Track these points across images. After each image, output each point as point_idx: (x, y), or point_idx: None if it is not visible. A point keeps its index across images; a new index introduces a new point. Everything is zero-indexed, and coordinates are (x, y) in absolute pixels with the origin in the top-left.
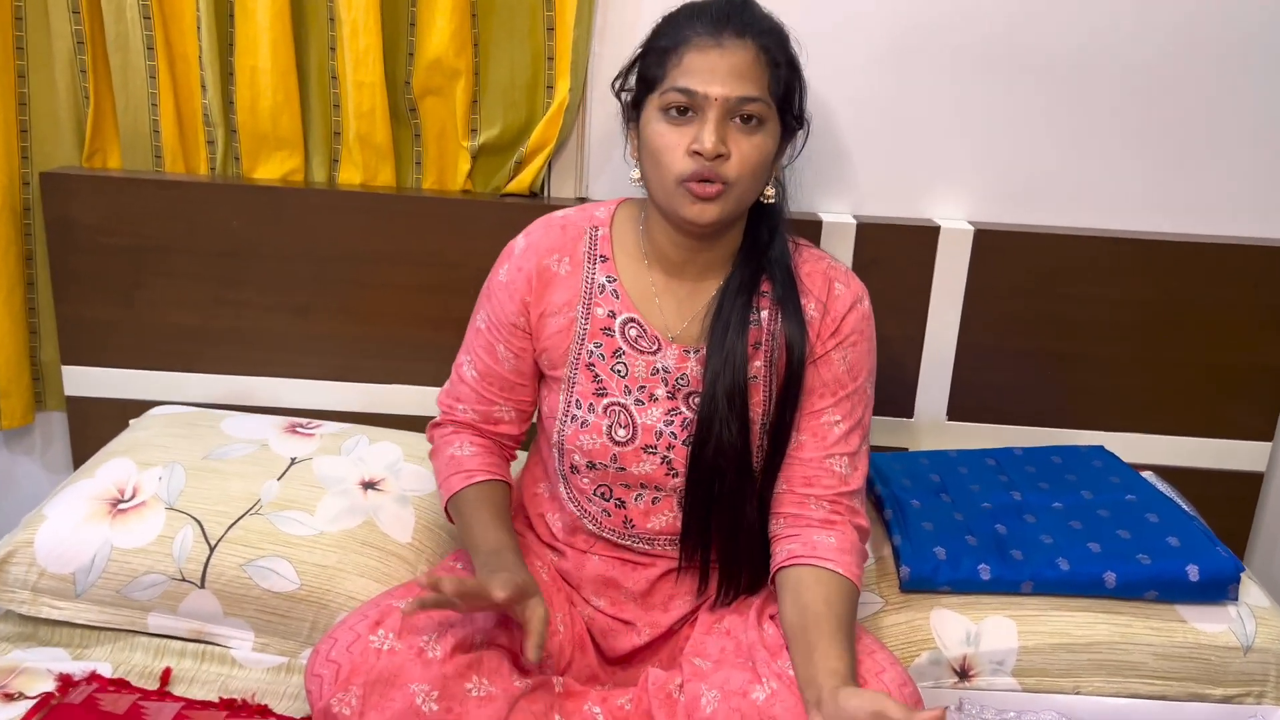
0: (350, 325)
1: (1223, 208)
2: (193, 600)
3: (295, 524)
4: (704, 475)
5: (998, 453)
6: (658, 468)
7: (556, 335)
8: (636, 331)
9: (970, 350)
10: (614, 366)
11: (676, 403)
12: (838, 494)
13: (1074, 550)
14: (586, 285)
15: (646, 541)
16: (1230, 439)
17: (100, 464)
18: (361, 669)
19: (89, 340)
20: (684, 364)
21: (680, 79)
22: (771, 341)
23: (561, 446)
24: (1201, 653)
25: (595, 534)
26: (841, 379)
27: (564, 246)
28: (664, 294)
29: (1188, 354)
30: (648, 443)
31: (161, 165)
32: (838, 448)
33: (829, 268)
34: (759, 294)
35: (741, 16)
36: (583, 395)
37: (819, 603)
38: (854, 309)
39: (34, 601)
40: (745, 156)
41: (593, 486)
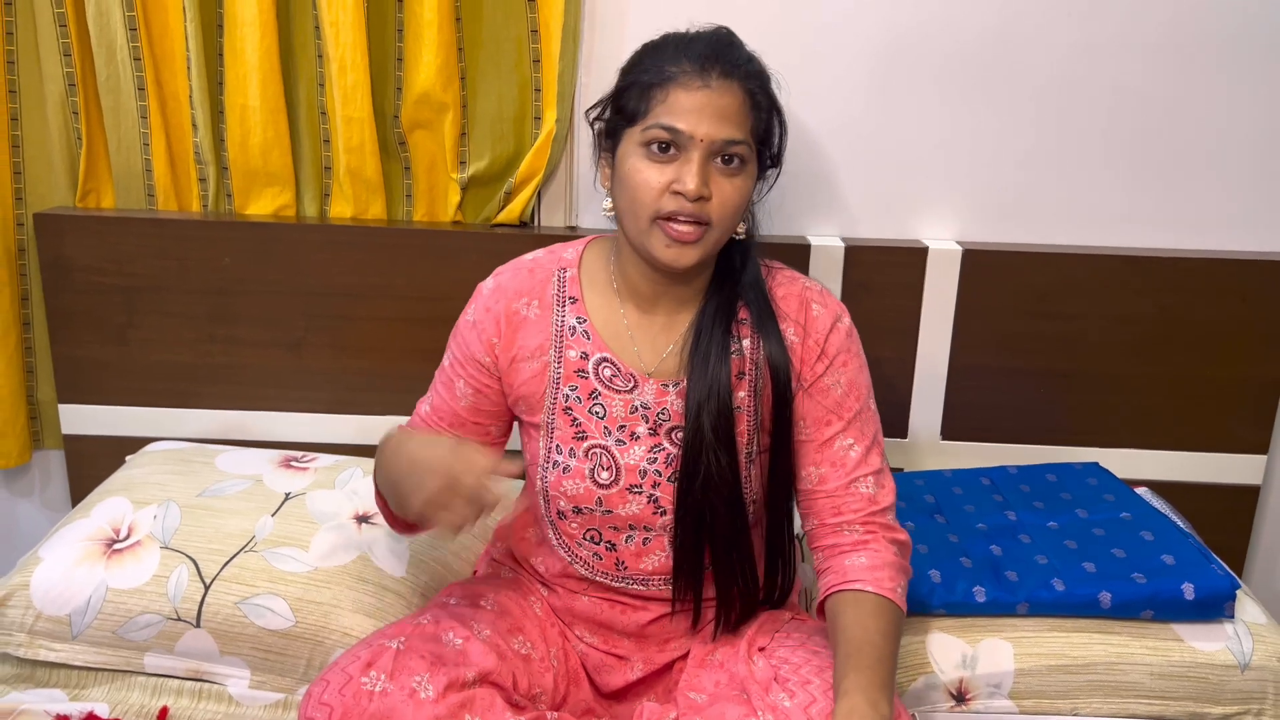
0: (343, 358)
1: (1211, 223)
2: (189, 639)
3: (289, 560)
4: (693, 510)
5: (992, 471)
6: (644, 507)
7: (531, 380)
8: (611, 371)
9: (962, 369)
10: (591, 408)
11: (659, 439)
12: (869, 514)
13: (1069, 570)
14: (557, 328)
15: (641, 583)
16: (1225, 453)
17: (95, 503)
18: (354, 712)
19: (85, 378)
20: (663, 398)
21: (665, 117)
22: (755, 370)
23: (546, 493)
24: (1199, 671)
25: (589, 579)
26: (843, 401)
27: (532, 289)
28: (637, 330)
29: (1181, 369)
30: (632, 483)
31: (154, 204)
32: (860, 470)
33: (804, 289)
34: (737, 322)
35: (729, 57)
36: (562, 440)
37: (855, 627)
38: (835, 328)
39: (30, 644)
40: (726, 199)
41: (581, 531)
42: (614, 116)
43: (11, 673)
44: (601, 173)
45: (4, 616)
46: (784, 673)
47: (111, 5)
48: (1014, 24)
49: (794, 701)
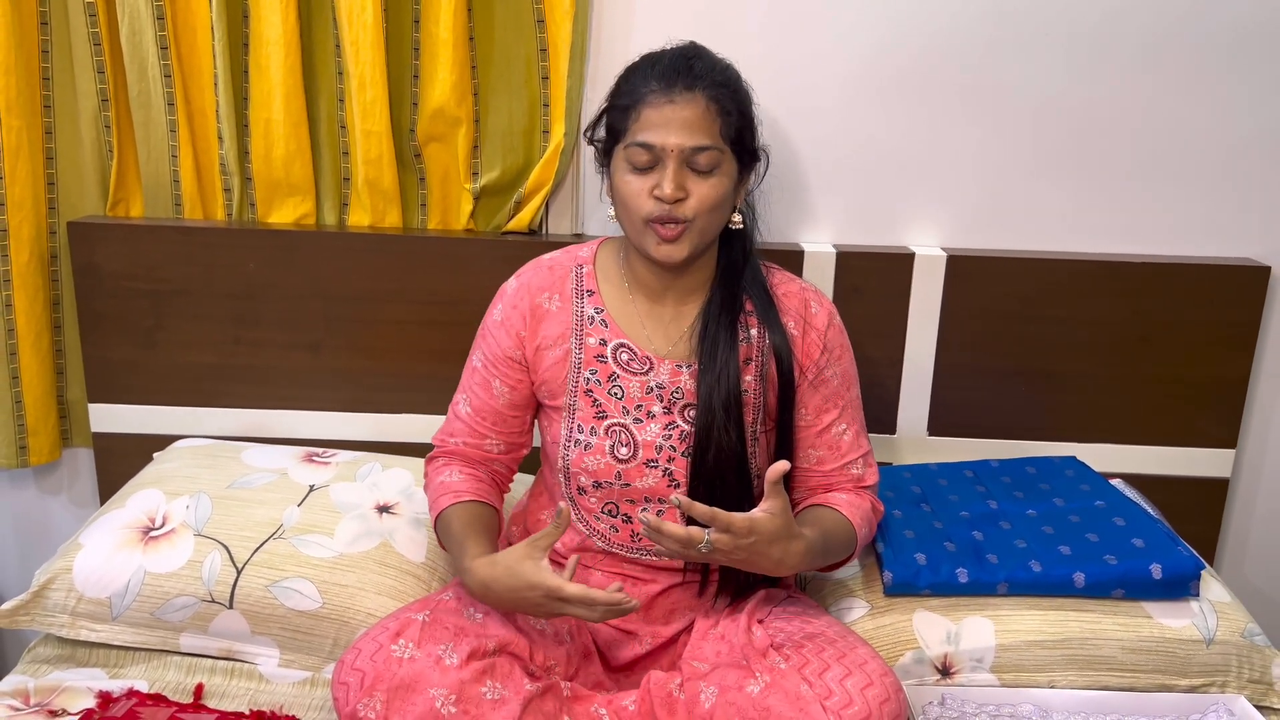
0: (361, 359)
1: (1181, 230)
2: (222, 620)
3: (316, 547)
4: (705, 482)
5: (975, 465)
6: (660, 480)
7: (553, 367)
8: (628, 355)
9: (948, 369)
10: (610, 390)
11: (673, 416)
12: (857, 487)
13: (1046, 553)
14: (577, 318)
15: (655, 554)
16: (1196, 447)
17: (130, 495)
18: (385, 676)
19: (114, 379)
20: (677, 378)
21: (640, 134)
22: (761, 356)
23: (568, 470)
24: (1167, 646)
25: (606, 550)
26: (839, 391)
27: (553, 285)
28: (649, 319)
29: (1154, 368)
30: (649, 457)
31: (181, 213)
32: (851, 453)
33: (802, 289)
34: (744, 313)
35: (691, 70)
36: (584, 420)
37: (815, 514)
38: (831, 324)
39: (73, 625)
40: (703, 197)
41: (600, 505)
42: (606, 136)
43: (54, 652)
44: (605, 184)
45: (48, 599)
46: (779, 640)
47: (144, 25)
48: (995, 45)
49: (789, 664)
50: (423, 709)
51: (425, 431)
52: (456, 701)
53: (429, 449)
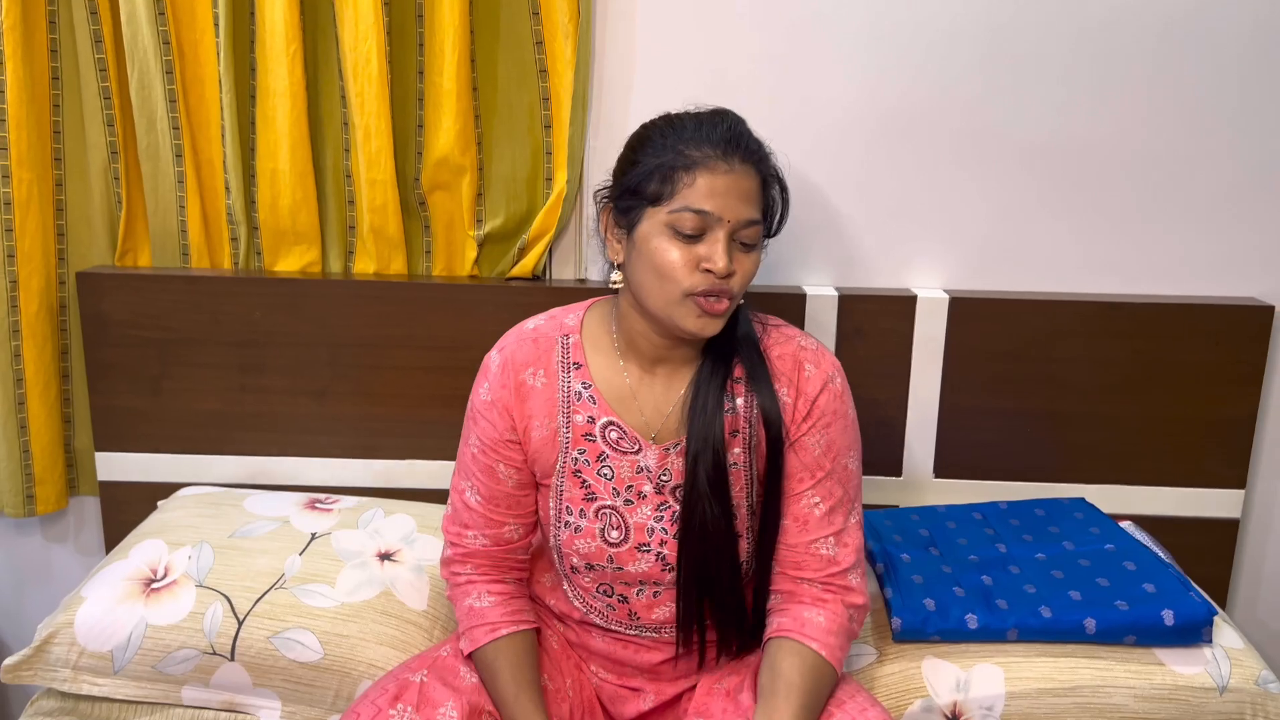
0: (365, 406)
1: (1185, 270)
2: (224, 673)
3: (318, 596)
4: (693, 561)
5: (983, 507)
6: (653, 565)
7: (542, 446)
8: (617, 434)
9: (953, 410)
10: (600, 470)
11: (664, 497)
12: (828, 575)
13: (1056, 599)
14: (564, 394)
15: (654, 631)
16: (1205, 487)
17: (133, 545)
18: None
19: (120, 427)
20: (665, 460)
21: (695, 200)
22: (749, 428)
23: (560, 550)
24: (1179, 694)
25: (604, 627)
26: (819, 460)
27: (537, 359)
28: (640, 389)
29: (1160, 408)
30: (641, 541)
31: (188, 262)
32: (820, 530)
33: (799, 349)
34: (732, 380)
35: (748, 143)
36: (572, 502)
37: (794, 673)
38: (825, 389)
39: (74, 679)
40: (746, 272)
41: (594, 585)
42: (631, 197)
43: (56, 706)
44: (611, 248)
45: (50, 654)
46: None
47: (153, 79)
48: (992, 89)
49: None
50: None
51: (429, 477)
52: None
53: (432, 494)
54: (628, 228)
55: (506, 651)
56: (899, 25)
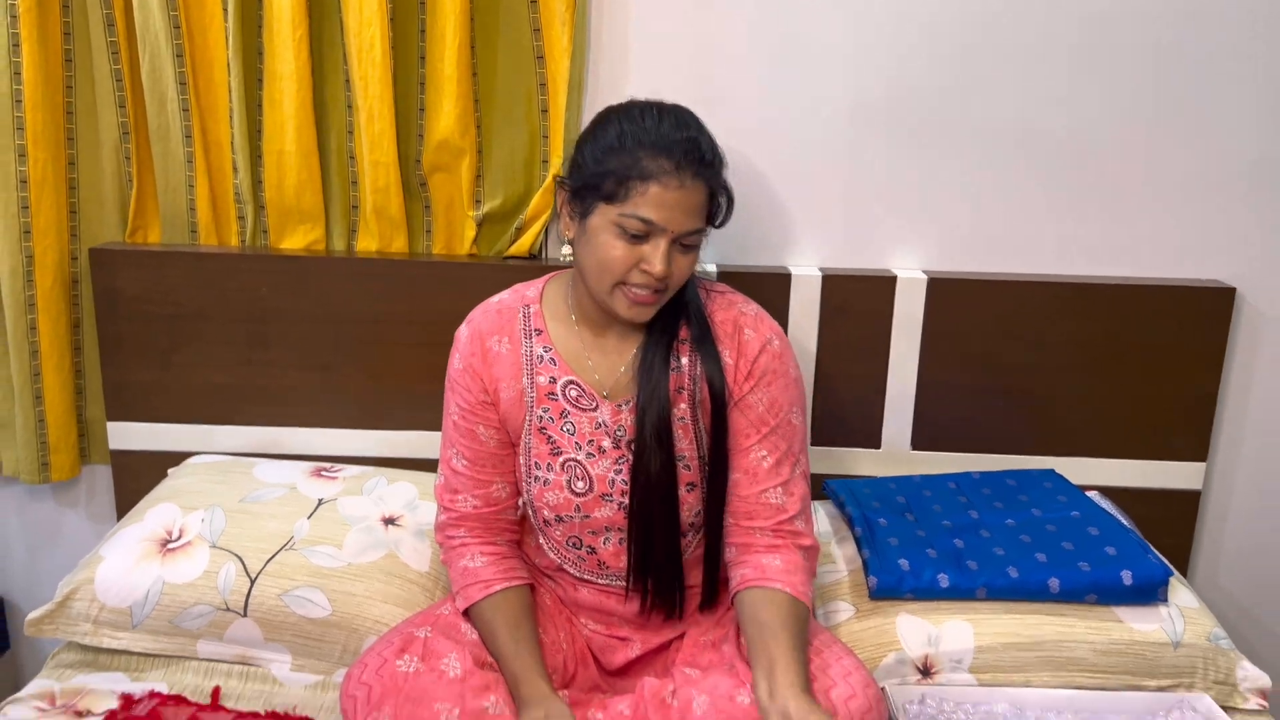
0: (369, 379)
1: (1155, 253)
2: (237, 628)
3: (326, 557)
4: (642, 509)
5: (957, 477)
6: (616, 513)
7: (510, 406)
8: (576, 392)
9: (930, 386)
10: (563, 427)
11: (621, 451)
12: (778, 523)
13: (1023, 560)
14: (527, 357)
15: (620, 579)
16: (1169, 461)
17: (148, 509)
18: (391, 691)
19: (132, 398)
20: (619, 417)
21: (643, 209)
22: (693, 385)
23: (532, 504)
24: (1136, 649)
25: (577, 577)
26: (764, 417)
27: (501, 328)
28: (594, 351)
29: (1127, 385)
30: (604, 491)
31: (197, 239)
32: (769, 480)
33: (739, 315)
34: (678, 341)
35: (700, 157)
36: (540, 457)
37: (775, 621)
38: (764, 351)
39: (95, 633)
40: (682, 271)
41: (564, 537)
42: (587, 189)
43: (77, 658)
44: (563, 222)
45: (71, 609)
46: None
47: (164, 62)
48: (971, 79)
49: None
50: None
51: (429, 447)
52: (460, 715)
53: (432, 464)
54: (581, 214)
55: (502, 607)
56: (884, 16)
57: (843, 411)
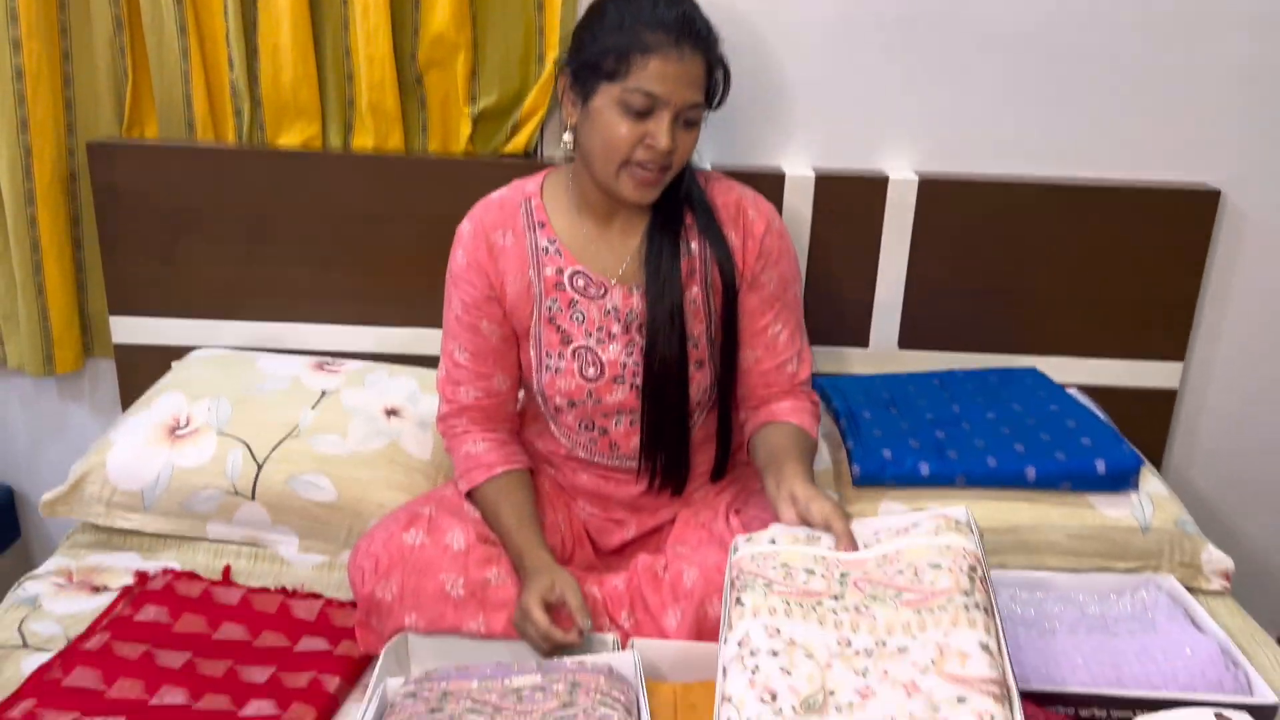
0: (366, 276)
1: (1142, 155)
2: (245, 511)
3: (330, 445)
4: (652, 394)
5: (942, 375)
6: (628, 395)
7: (517, 299)
8: (584, 281)
9: (918, 286)
10: (572, 316)
11: (631, 335)
12: (792, 385)
13: (1001, 451)
14: (532, 250)
15: (631, 459)
16: (1147, 360)
17: (155, 398)
18: (399, 562)
19: (133, 293)
20: (629, 300)
21: (646, 83)
22: (704, 268)
23: (543, 394)
24: (1107, 533)
25: (588, 460)
26: (776, 294)
27: (504, 222)
28: (598, 241)
29: (1111, 286)
30: (615, 374)
31: (193, 134)
32: (785, 352)
33: (740, 197)
34: (685, 227)
35: (697, 29)
36: (550, 347)
37: (785, 442)
38: (770, 230)
39: (108, 514)
40: (685, 149)
41: (577, 421)
42: (588, 69)
43: (91, 539)
44: (566, 110)
45: (84, 491)
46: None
47: None
48: None
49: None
50: (434, 591)
51: (427, 344)
52: (464, 585)
53: (430, 360)
54: (583, 97)
55: (505, 488)
56: None
57: (832, 311)
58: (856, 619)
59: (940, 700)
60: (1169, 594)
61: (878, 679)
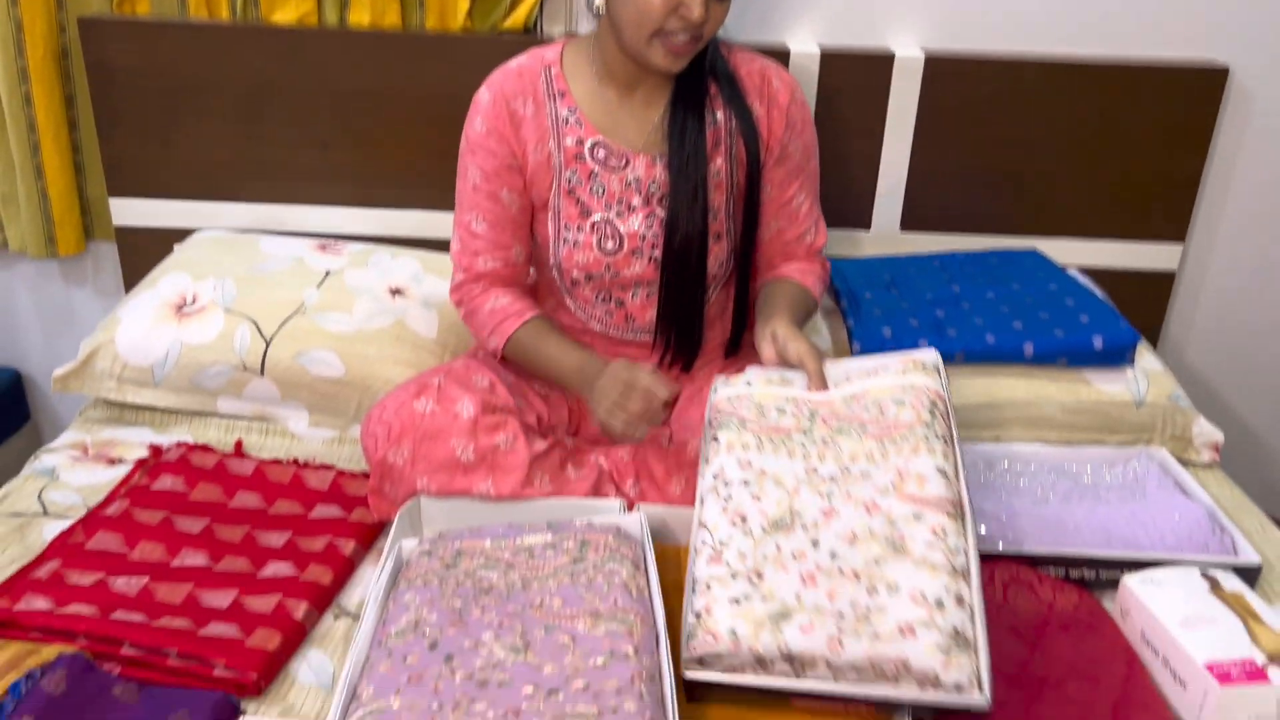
0: (366, 155)
1: (1150, 33)
2: (254, 386)
3: (337, 322)
4: (673, 266)
5: (943, 257)
6: (646, 267)
7: (537, 170)
8: (605, 152)
9: (922, 167)
10: (592, 188)
11: (651, 207)
12: (808, 253)
13: (1000, 328)
14: (553, 120)
15: (647, 333)
16: (1148, 241)
17: (160, 278)
18: (410, 428)
19: (132, 174)
20: (651, 171)
21: None
22: (729, 140)
23: (560, 267)
24: (1102, 407)
25: (602, 334)
26: (800, 164)
27: (524, 89)
28: (621, 111)
29: (1114, 166)
30: (634, 247)
31: (186, 11)
32: (806, 222)
33: (763, 67)
34: (710, 98)
35: None
36: (569, 219)
37: (781, 291)
38: (794, 100)
39: (119, 389)
40: (717, 20)
41: (594, 294)
42: None
43: (104, 415)
44: None
45: (95, 366)
46: None
47: None
48: None
49: None
50: (444, 456)
51: (428, 226)
52: (474, 451)
53: (429, 244)
54: None
55: (540, 327)
56: None
57: (835, 193)
58: (823, 450)
59: (898, 517)
60: (1160, 465)
61: (841, 500)
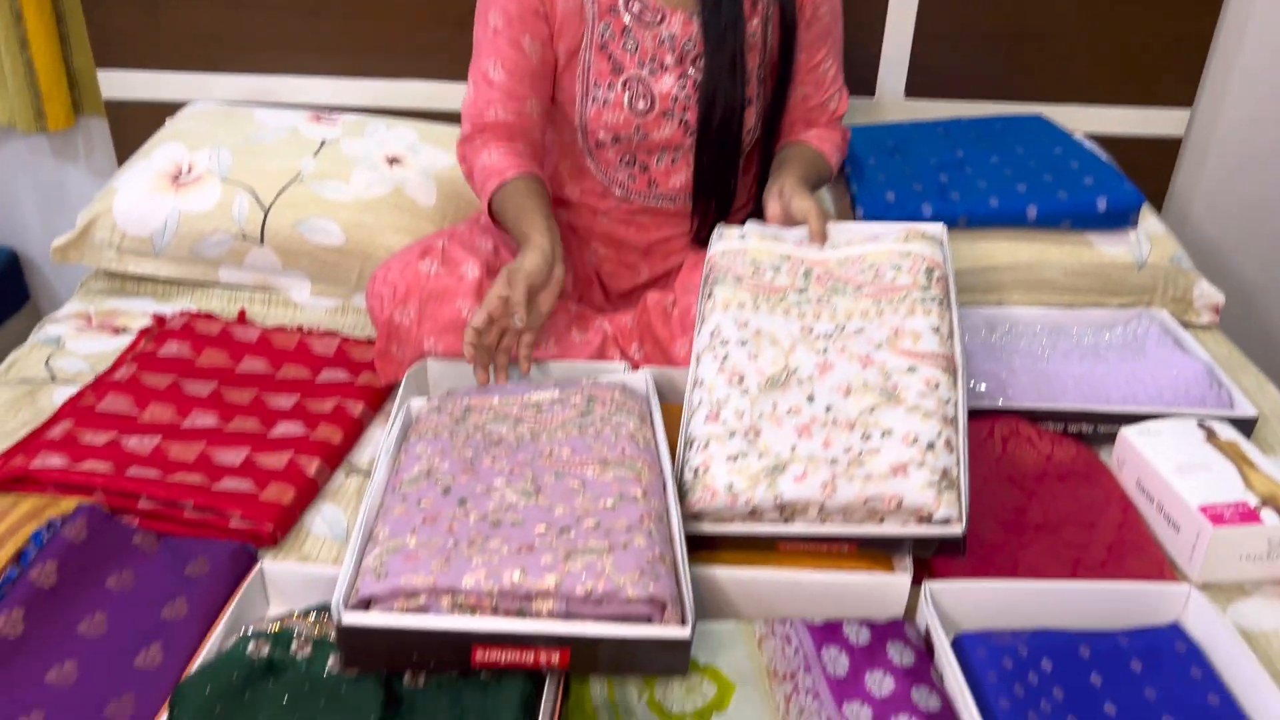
0: (359, 24)
1: None
2: (255, 255)
3: (335, 191)
4: (709, 132)
5: (948, 124)
6: (676, 130)
7: (566, 20)
8: (639, 6)
9: (926, 32)
10: (625, 44)
11: (685, 67)
12: (830, 120)
13: (1004, 192)
14: None
15: (669, 199)
16: (1155, 107)
17: (154, 149)
18: (416, 289)
19: (120, 45)
20: (688, 29)
21: None
22: (766, 3)
23: (585, 127)
24: (1104, 270)
25: (622, 198)
26: (829, 27)
27: None
28: None
29: (1123, 27)
30: (665, 108)
31: None
32: (832, 87)
33: None
34: None
35: None
36: (599, 76)
37: (795, 153)
38: None
39: (119, 259)
40: None
41: (618, 157)
42: None
43: (106, 286)
44: None
45: (93, 237)
46: None
47: None
48: None
49: None
50: (450, 316)
51: (424, 97)
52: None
53: (427, 115)
54: None
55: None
56: None
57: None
58: (819, 309)
59: (892, 369)
60: (1160, 325)
61: (836, 355)
